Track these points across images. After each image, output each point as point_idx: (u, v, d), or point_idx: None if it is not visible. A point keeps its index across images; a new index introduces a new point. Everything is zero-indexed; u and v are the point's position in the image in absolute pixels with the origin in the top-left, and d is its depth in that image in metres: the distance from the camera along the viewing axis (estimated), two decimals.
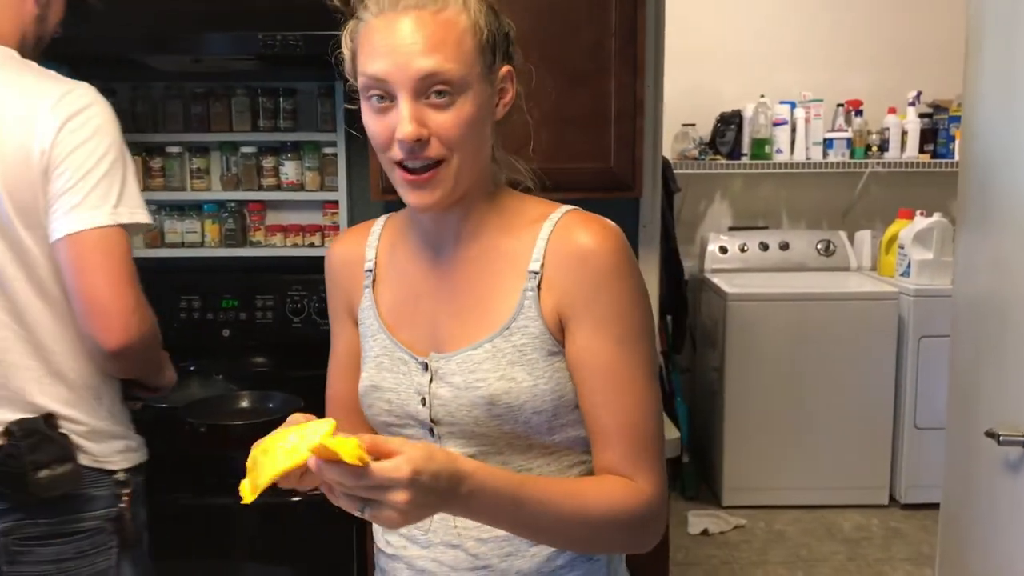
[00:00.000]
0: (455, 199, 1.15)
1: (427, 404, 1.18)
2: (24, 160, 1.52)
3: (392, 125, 1.09)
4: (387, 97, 1.09)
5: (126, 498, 1.65)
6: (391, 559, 1.26)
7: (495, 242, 1.19)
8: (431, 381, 1.18)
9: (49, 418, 1.57)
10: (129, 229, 1.56)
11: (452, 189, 1.12)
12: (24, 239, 1.54)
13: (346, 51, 1.16)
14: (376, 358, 1.24)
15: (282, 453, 0.97)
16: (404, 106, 1.08)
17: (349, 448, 0.91)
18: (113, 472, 1.65)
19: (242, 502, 1.00)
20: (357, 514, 0.96)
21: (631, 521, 1.12)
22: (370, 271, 1.28)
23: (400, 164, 1.11)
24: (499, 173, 1.24)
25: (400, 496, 0.93)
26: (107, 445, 1.65)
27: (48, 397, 1.58)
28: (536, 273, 1.15)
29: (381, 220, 1.32)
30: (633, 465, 1.13)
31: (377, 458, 0.94)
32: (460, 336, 1.18)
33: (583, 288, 1.13)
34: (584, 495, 1.10)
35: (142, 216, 1.57)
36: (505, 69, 1.16)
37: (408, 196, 1.13)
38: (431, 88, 1.08)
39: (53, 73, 1.61)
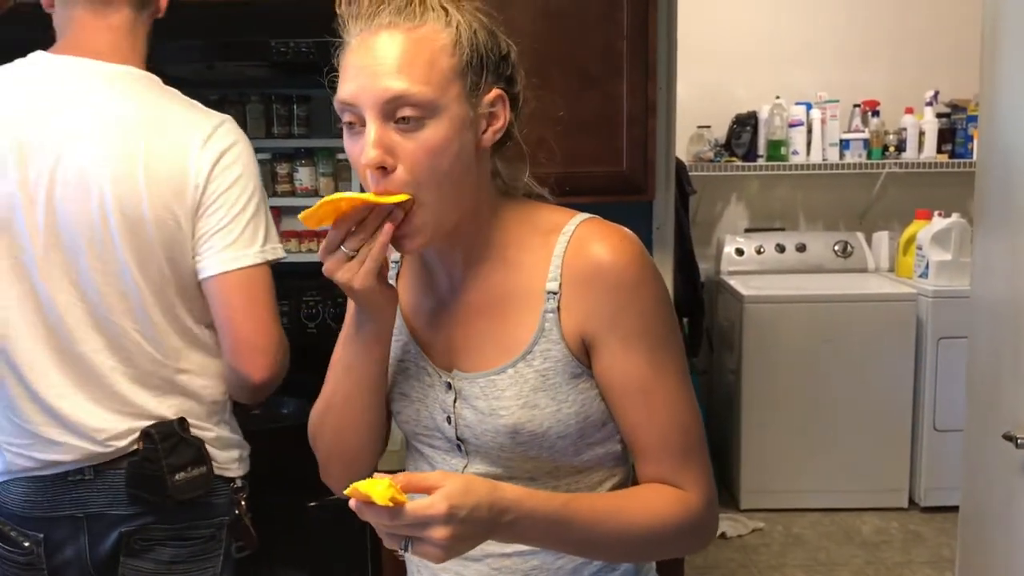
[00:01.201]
0: (446, 232, 1.09)
1: (452, 423, 1.16)
2: (178, 191, 1.54)
3: (361, 152, 1.03)
4: (357, 122, 1.04)
5: (243, 503, 1.68)
6: (421, 567, 1.24)
7: (507, 256, 1.14)
8: (455, 401, 1.15)
9: (183, 422, 1.60)
10: (271, 264, 1.60)
11: (434, 229, 1.07)
12: (163, 266, 1.55)
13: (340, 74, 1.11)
14: (400, 361, 1.21)
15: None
16: (369, 129, 1.02)
17: (380, 490, 0.91)
18: (231, 480, 1.68)
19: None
20: (400, 552, 0.96)
21: (681, 529, 1.11)
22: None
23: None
24: (511, 185, 1.18)
25: (439, 532, 0.92)
26: (228, 453, 1.68)
27: (175, 410, 1.60)
28: (554, 293, 1.10)
29: None
30: (678, 474, 1.12)
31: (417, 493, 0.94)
32: (480, 358, 1.14)
33: (605, 307, 1.09)
34: (631, 509, 1.09)
35: (281, 251, 1.63)
36: (494, 93, 1.08)
37: (393, 242, 1.07)
38: (397, 111, 1.02)
39: (197, 103, 1.64)
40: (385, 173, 1.03)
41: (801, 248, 4.49)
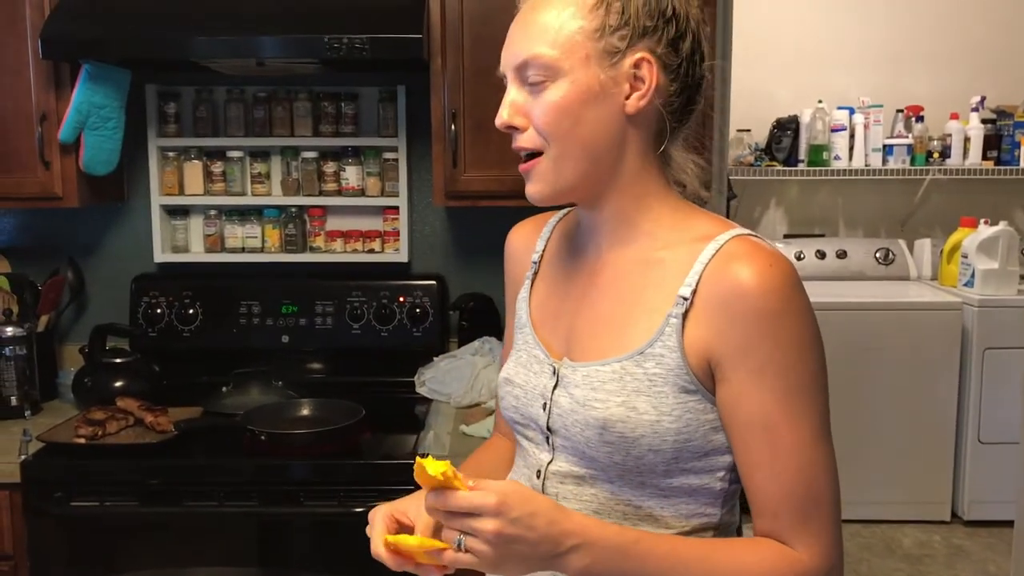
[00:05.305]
0: (577, 195, 1.10)
1: (547, 410, 1.12)
2: None
3: None
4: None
5: None
6: None
7: (649, 252, 1.10)
8: (555, 387, 1.12)
9: None
10: None
11: (555, 183, 1.07)
12: None
13: None
14: (518, 352, 1.20)
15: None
16: (508, 92, 1.09)
17: (437, 464, 0.92)
18: None
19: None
20: (453, 550, 0.94)
21: None
22: (535, 262, 1.24)
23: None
24: (682, 178, 1.13)
25: (487, 524, 0.91)
26: None
27: None
28: (686, 299, 1.03)
29: (561, 212, 1.27)
30: (795, 531, 1.01)
31: None
32: (592, 347, 1.10)
33: (739, 333, 1.00)
34: (719, 560, 1.00)
35: None
36: (637, 57, 1.04)
37: (526, 187, 1.11)
38: (528, 75, 1.06)
39: None
40: (517, 131, 1.08)
41: (842, 255, 4.41)
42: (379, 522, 1.07)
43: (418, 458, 0.94)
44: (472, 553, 0.93)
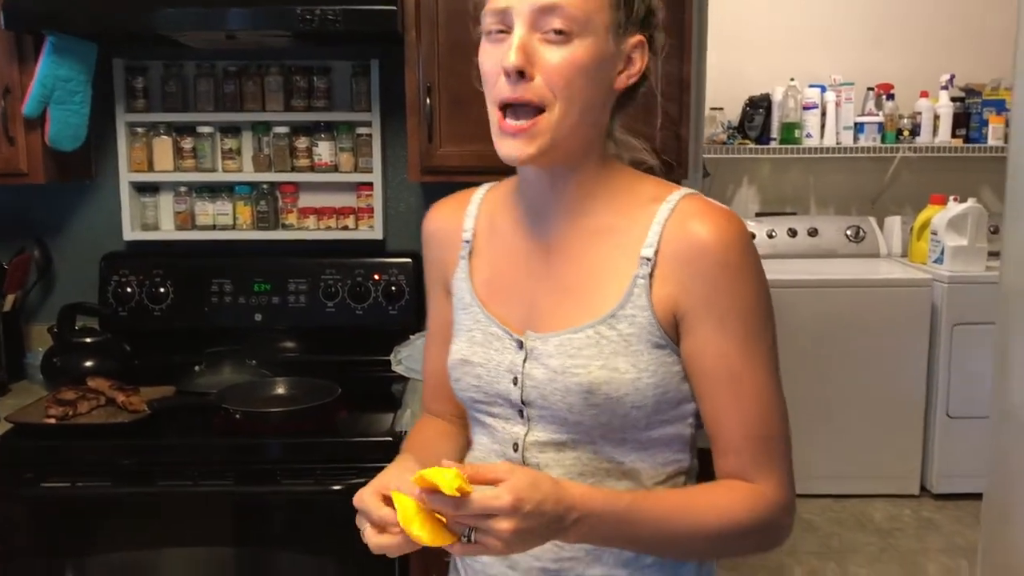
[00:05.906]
0: (553, 158, 1.08)
1: (519, 384, 1.13)
2: None
3: (502, 57, 1.04)
4: (506, 29, 1.05)
5: None
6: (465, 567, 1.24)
7: (605, 220, 1.13)
8: (525, 360, 1.13)
9: None
10: None
11: (550, 143, 1.06)
12: None
13: None
14: (468, 332, 1.19)
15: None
16: (516, 34, 1.03)
17: (448, 479, 0.91)
18: None
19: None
20: (463, 540, 0.94)
21: (753, 527, 1.07)
22: (467, 241, 1.23)
23: (502, 109, 1.06)
24: (621, 152, 1.17)
25: (503, 524, 0.92)
26: None
27: None
28: (649, 260, 1.08)
29: (482, 189, 1.27)
30: (757, 468, 1.08)
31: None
32: (559, 316, 1.12)
33: (701, 284, 1.06)
34: (699, 507, 1.07)
35: None
36: (637, 38, 1.09)
37: (502, 146, 1.07)
38: (549, 22, 1.02)
39: None
40: (522, 79, 1.03)
41: (813, 233, 4.44)
42: (369, 500, 1.03)
43: (420, 474, 0.93)
44: (482, 545, 0.94)
